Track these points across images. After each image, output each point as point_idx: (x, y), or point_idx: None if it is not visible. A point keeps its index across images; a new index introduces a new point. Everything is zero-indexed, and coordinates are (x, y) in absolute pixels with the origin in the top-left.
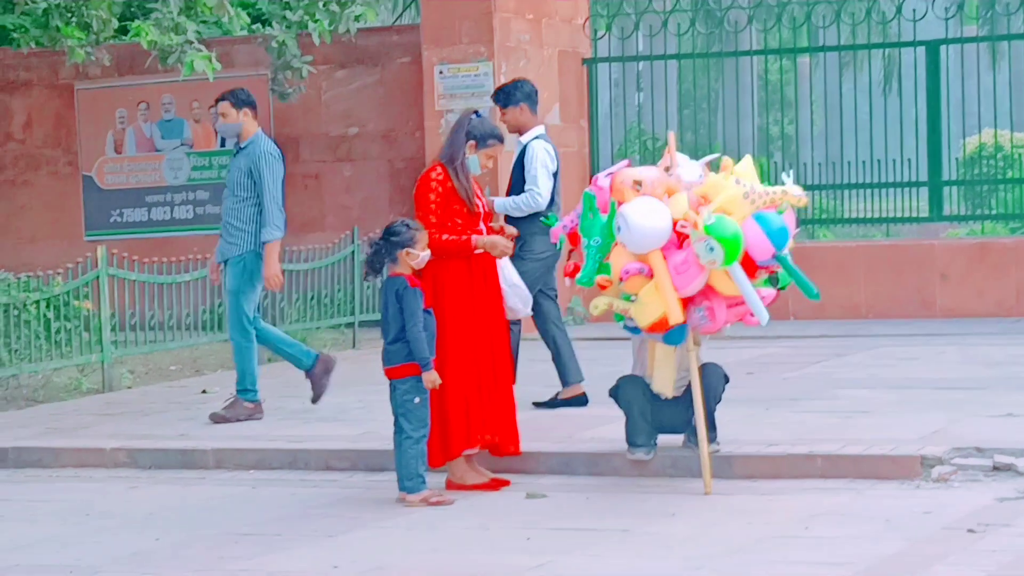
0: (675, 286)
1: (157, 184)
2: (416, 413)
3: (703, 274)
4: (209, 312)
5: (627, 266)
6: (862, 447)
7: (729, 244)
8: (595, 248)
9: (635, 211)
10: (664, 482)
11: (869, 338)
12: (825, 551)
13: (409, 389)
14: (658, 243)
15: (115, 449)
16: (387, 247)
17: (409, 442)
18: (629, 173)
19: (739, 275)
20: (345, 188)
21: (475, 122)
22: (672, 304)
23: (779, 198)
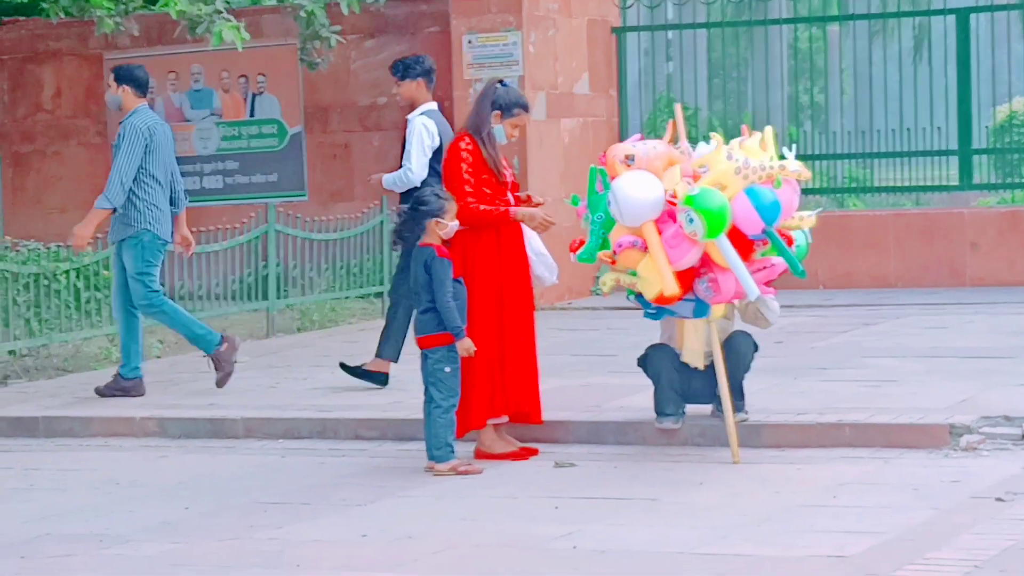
0: (669, 259)
1: (186, 154)
2: (447, 383)
3: (696, 247)
4: (238, 282)
5: (620, 239)
6: (890, 416)
7: (710, 216)
8: (599, 224)
9: (625, 184)
10: (692, 451)
11: (898, 307)
12: (852, 520)
13: (440, 359)
14: (649, 215)
15: (145, 418)
16: (416, 217)
17: (439, 411)
18: (622, 148)
19: (725, 247)
20: (374, 157)
21: (500, 91)
22: (666, 276)
23: (775, 172)
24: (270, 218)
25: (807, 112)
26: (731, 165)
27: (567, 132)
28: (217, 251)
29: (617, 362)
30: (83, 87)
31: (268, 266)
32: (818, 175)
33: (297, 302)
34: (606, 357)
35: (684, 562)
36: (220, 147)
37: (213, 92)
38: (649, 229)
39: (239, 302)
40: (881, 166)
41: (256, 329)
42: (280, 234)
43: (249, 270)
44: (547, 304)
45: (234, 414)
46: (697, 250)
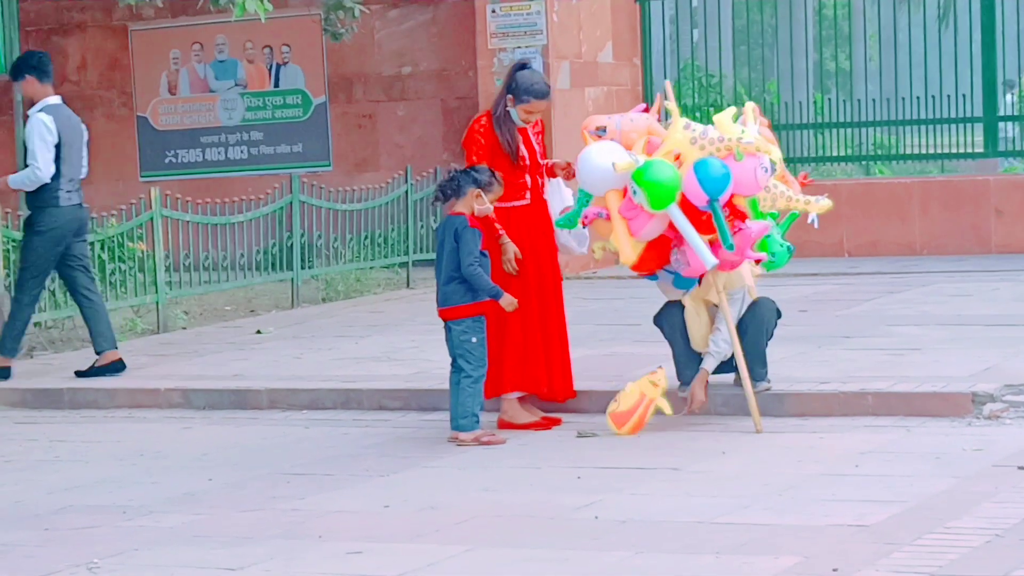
0: (630, 229)
1: (211, 125)
2: (475, 353)
3: (655, 218)
4: (263, 252)
5: (587, 210)
6: (913, 384)
7: (651, 188)
8: (583, 194)
9: (588, 153)
10: (715, 420)
11: (923, 275)
12: (875, 488)
13: (465, 330)
14: (612, 185)
15: (169, 390)
16: (464, 179)
17: (468, 381)
18: (596, 119)
19: (676, 216)
20: (399, 127)
21: (518, 76)
22: (623, 244)
23: (733, 145)
24: (295, 188)
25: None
26: (687, 135)
27: (591, 101)
28: (242, 222)
29: (641, 331)
30: (107, 58)
31: (293, 236)
32: (844, 142)
33: (322, 272)
34: (630, 326)
35: (706, 531)
36: (245, 118)
37: (237, 63)
38: (611, 199)
39: (264, 273)
40: (907, 133)
41: (281, 299)
42: (305, 204)
43: (274, 241)
44: (572, 273)
45: (258, 385)
46: (656, 221)
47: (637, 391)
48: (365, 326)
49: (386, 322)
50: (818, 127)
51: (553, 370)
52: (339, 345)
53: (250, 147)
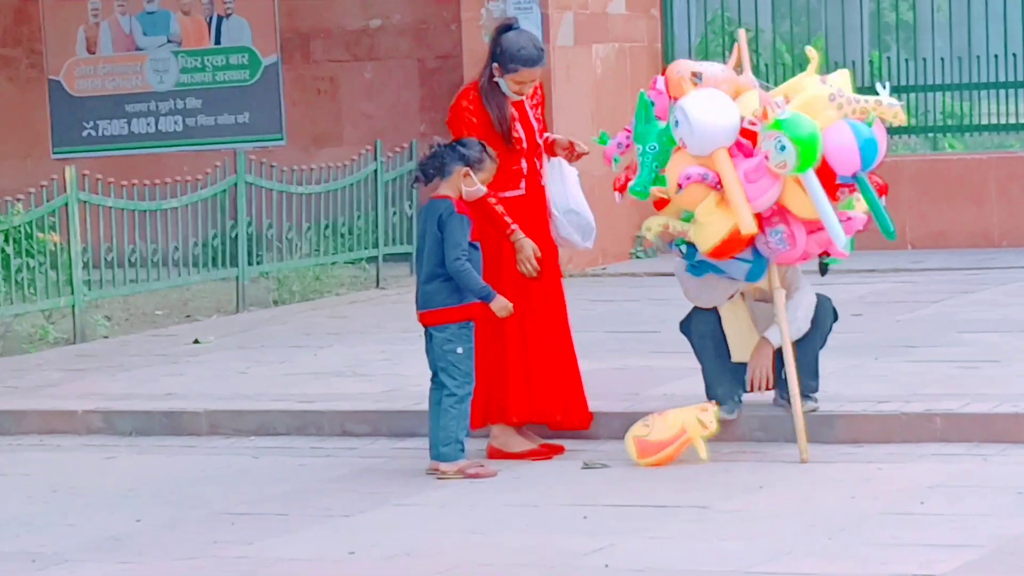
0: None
1: (139, 90)
2: (460, 366)
3: (776, 185)
4: (202, 245)
5: (687, 170)
6: (990, 404)
7: (803, 144)
8: (651, 155)
9: (695, 103)
10: (750, 448)
11: (1002, 271)
12: (944, 530)
13: (450, 338)
14: (722, 142)
15: (88, 412)
16: (450, 155)
17: (451, 400)
18: (687, 64)
19: (814, 185)
20: (366, 93)
21: (502, 40)
22: (743, 211)
23: (869, 107)
24: (240, 168)
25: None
26: (824, 90)
27: (600, 60)
28: (176, 208)
29: (660, 339)
30: (12, 10)
31: (238, 226)
32: (907, 110)
33: (273, 269)
34: (647, 333)
35: None
36: (179, 81)
37: (170, 15)
38: (723, 157)
39: (203, 270)
40: (982, 99)
41: (224, 302)
42: (252, 187)
43: (215, 231)
44: (577, 270)
45: (196, 406)
46: (776, 188)
47: (679, 423)
48: (325, 334)
49: (351, 329)
50: (875, 92)
51: (566, 394)
52: (294, 357)
53: (186, 117)
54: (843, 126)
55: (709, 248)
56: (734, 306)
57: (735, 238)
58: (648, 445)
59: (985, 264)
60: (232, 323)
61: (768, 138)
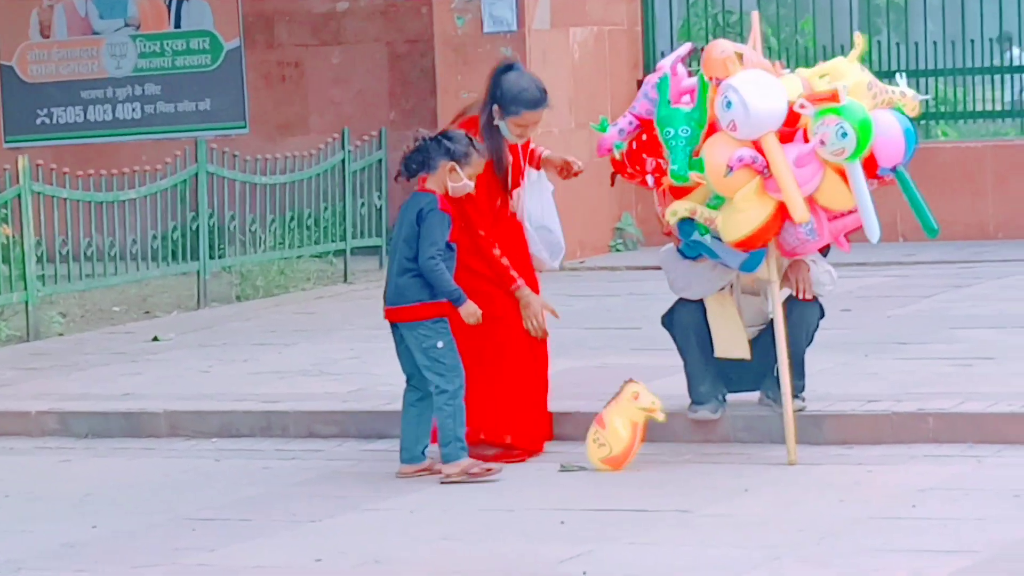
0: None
1: (95, 76)
2: (444, 360)
3: (820, 172)
4: (161, 238)
5: (739, 152)
6: (985, 403)
7: (862, 130)
8: (683, 139)
9: (749, 84)
10: (735, 449)
11: (997, 264)
12: (937, 535)
13: (427, 333)
14: (773, 125)
15: (42, 413)
16: (435, 149)
17: (444, 398)
18: (727, 44)
19: (858, 175)
20: (333, 79)
21: (502, 81)
22: (796, 198)
23: (896, 98)
24: (201, 157)
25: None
26: (864, 77)
27: (577, 45)
28: (134, 199)
29: (642, 336)
30: None
31: (199, 218)
32: None
33: (236, 263)
34: (627, 330)
35: None
36: (137, 67)
37: None
38: (773, 142)
39: (163, 264)
40: (977, 84)
41: (184, 298)
42: (214, 177)
43: (175, 223)
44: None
45: (155, 406)
46: (820, 176)
47: (627, 424)
48: (291, 331)
49: (317, 326)
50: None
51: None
52: (258, 355)
53: (144, 104)
54: (888, 115)
55: (739, 237)
56: (721, 298)
57: (766, 228)
58: (617, 459)
59: (980, 257)
60: (193, 319)
61: (827, 123)
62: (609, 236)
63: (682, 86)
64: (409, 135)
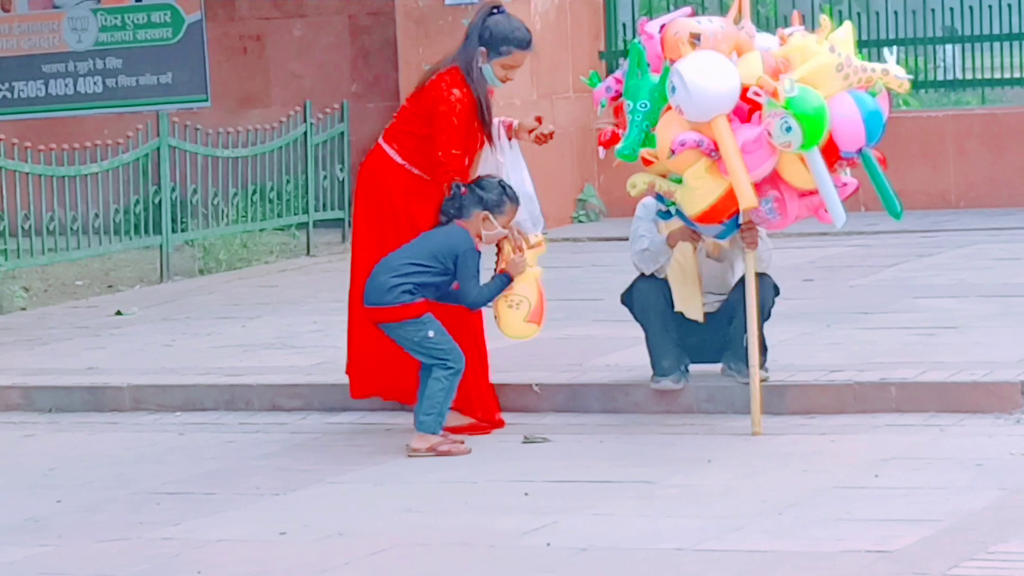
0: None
1: (56, 49)
2: (441, 346)
3: (773, 156)
4: (123, 212)
5: (681, 136)
6: (947, 373)
7: (810, 124)
8: (641, 114)
9: (694, 67)
10: (698, 420)
11: (959, 233)
12: (899, 505)
13: (418, 327)
14: (722, 108)
15: (5, 387)
16: (469, 200)
17: (446, 372)
18: (685, 24)
19: (818, 163)
20: (295, 52)
21: (490, 20)
22: (744, 184)
23: (876, 77)
24: (163, 130)
25: None
26: (833, 59)
27: (539, 16)
28: (96, 173)
29: (604, 307)
30: None
31: (161, 191)
32: None
33: (199, 237)
34: (590, 301)
35: (687, 561)
36: (98, 40)
37: None
38: (722, 126)
39: (125, 238)
40: (938, 53)
41: (147, 271)
42: (176, 151)
43: (137, 197)
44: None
45: (119, 381)
46: (773, 159)
47: (526, 279)
48: (254, 304)
49: (281, 299)
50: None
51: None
52: (221, 329)
53: (106, 78)
54: (846, 99)
55: (696, 212)
56: (683, 258)
57: (723, 203)
58: (537, 311)
59: (941, 226)
60: (156, 293)
61: (773, 116)
62: (571, 207)
63: (659, 50)
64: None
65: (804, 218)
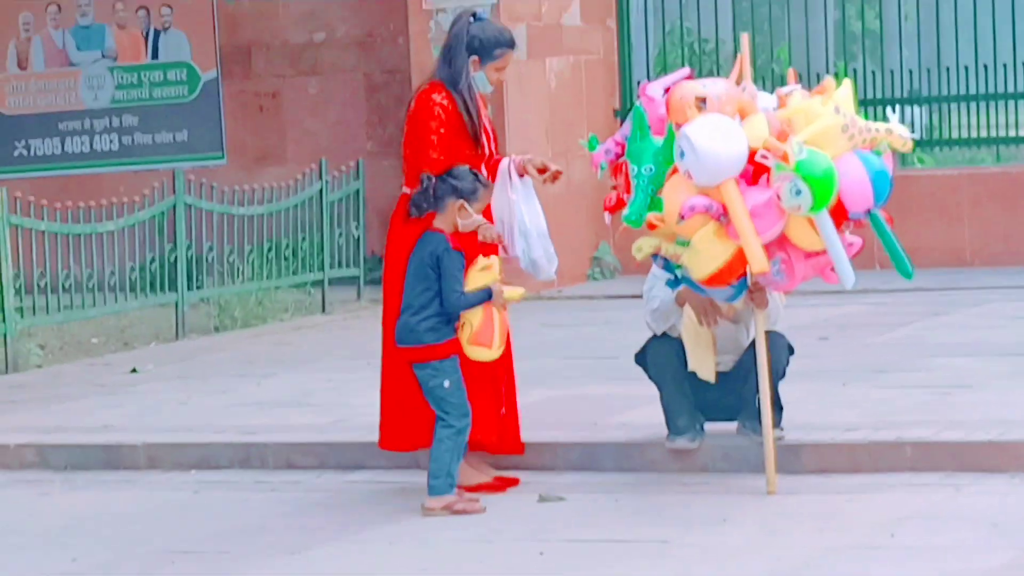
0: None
1: (73, 107)
2: (450, 399)
3: (782, 219)
4: (139, 269)
5: (691, 201)
6: (964, 432)
7: (820, 186)
8: (646, 178)
9: (702, 131)
10: (713, 479)
11: (974, 291)
12: (916, 564)
13: (433, 373)
14: (731, 172)
15: (21, 446)
16: (443, 189)
17: (448, 432)
18: (690, 87)
19: (827, 226)
20: (310, 109)
21: (475, 29)
22: (755, 249)
23: (880, 137)
24: (179, 188)
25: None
26: (838, 120)
27: (554, 75)
28: (112, 231)
29: (619, 366)
30: None
31: (177, 249)
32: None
33: (214, 294)
34: (605, 360)
35: None
36: (115, 98)
37: (105, 28)
38: (731, 190)
39: (141, 295)
40: (953, 112)
41: (163, 329)
42: (192, 208)
43: (153, 255)
44: (531, 292)
45: (134, 439)
46: (782, 223)
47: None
48: (269, 362)
49: (296, 357)
50: None
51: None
52: (236, 387)
53: (122, 135)
54: (853, 160)
55: (704, 276)
56: (694, 325)
57: (731, 266)
58: (480, 333)
59: (956, 284)
60: (171, 351)
61: (783, 179)
62: (586, 265)
63: (661, 112)
64: (386, 165)
65: (810, 279)
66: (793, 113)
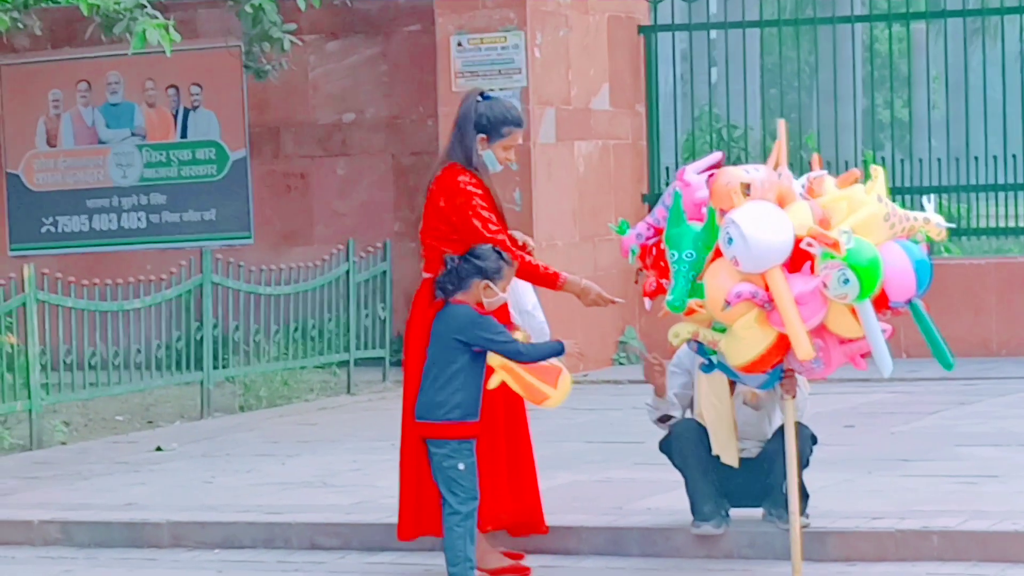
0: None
1: (101, 185)
2: (462, 482)
3: (825, 307)
4: (165, 348)
5: (737, 288)
6: (990, 522)
7: (866, 275)
8: (687, 264)
9: (750, 219)
10: (739, 565)
11: (1000, 381)
12: None
13: (451, 453)
14: (778, 260)
15: (44, 522)
16: (467, 270)
17: (456, 519)
18: (735, 173)
19: (869, 314)
20: (338, 190)
21: (482, 107)
22: (802, 336)
23: (918, 225)
24: (206, 267)
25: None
26: (881, 209)
27: (582, 158)
28: (139, 309)
29: (644, 451)
30: None
31: (203, 327)
32: None
33: (239, 373)
34: (630, 444)
35: None
36: (143, 176)
37: (135, 107)
38: (778, 278)
39: (166, 373)
40: (981, 201)
41: (188, 407)
42: (218, 287)
43: (179, 333)
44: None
45: (158, 517)
46: (824, 311)
47: None
48: (294, 442)
49: (321, 437)
50: None
51: (523, 499)
52: (261, 466)
53: (150, 213)
54: (895, 248)
55: (743, 363)
56: (720, 404)
57: (770, 353)
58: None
59: (983, 374)
60: (196, 430)
61: (830, 268)
62: (612, 349)
63: (697, 197)
64: (413, 246)
65: (843, 366)
66: (835, 200)
